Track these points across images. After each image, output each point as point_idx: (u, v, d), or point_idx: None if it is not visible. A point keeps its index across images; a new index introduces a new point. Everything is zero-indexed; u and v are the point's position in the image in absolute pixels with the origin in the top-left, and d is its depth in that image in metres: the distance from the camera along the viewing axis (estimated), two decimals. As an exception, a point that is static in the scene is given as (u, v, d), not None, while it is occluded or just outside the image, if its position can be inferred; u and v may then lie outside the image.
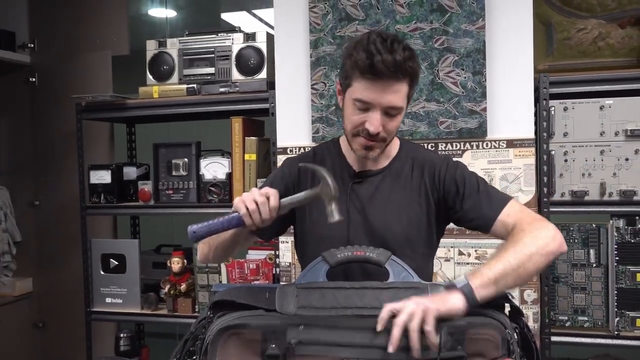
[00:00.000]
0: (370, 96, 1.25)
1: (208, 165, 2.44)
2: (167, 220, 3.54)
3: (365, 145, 1.31)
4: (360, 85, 1.26)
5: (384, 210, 1.35)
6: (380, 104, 1.26)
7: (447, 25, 2.06)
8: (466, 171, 1.38)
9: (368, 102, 1.26)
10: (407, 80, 1.26)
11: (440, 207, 1.37)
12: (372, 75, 1.23)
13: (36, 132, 3.06)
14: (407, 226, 1.35)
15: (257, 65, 2.39)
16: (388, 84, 1.24)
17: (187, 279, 2.48)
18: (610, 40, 2.06)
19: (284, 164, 1.49)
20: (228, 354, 1.08)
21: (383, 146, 1.33)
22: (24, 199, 3.08)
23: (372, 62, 1.22)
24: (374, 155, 1.33)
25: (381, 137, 1.30)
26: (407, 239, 1.35)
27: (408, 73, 1.25)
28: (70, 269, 2.89)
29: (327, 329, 1.08)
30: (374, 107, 1.26)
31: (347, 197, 1.37)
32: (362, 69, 1.24)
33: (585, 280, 2.05)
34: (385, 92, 1.25)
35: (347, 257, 1.23)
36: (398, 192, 1.37)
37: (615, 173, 1.99)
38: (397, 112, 1.29)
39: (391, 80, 1.24)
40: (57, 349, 3.03)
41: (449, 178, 1.36)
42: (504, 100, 2.05)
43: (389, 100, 1.26)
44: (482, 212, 1.31)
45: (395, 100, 1.26)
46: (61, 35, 2.99)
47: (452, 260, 2.09)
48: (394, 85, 1.25)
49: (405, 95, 1.28)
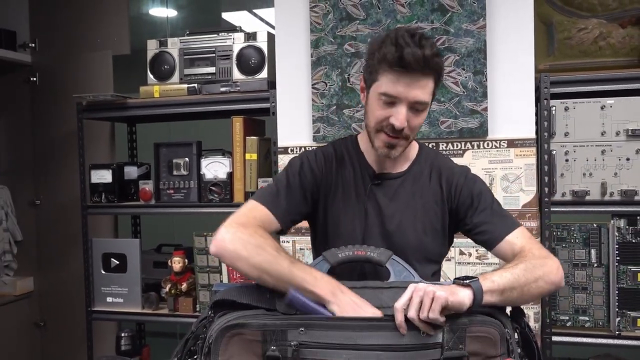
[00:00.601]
0: (398, 90, 1.24)
1: (209, 164, 2.44)
2: (168, 219, 3.54)
3: (388, 142, 1.29)
4: (387, 79, 1.25)
5: (400, 215, 1.35)
6: (407, 97, 1.24)
7: (448, 24, 2.06)
8: (484, 186, 1.39)
9: (395, 96, 1.25)
10: (433, 76, 1.26)
11: (453, 216, 1.38)
12: (400, 67, 1.22)
13: (37, 132, 3.06)
14: (421, 233, 1.35)
15: (258, 64, 2.39)
16: (416, 78, 1.23)
17: (188, 278, 2.48)
18: (611, 39, 2.06)
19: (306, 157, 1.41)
20: (229, 353, 1.08)
21: (405, 144, 1.32)
22: (25, 199, 3.09)
23: (402, 55, 1.21)
24: (395, 154, 1.32)
25: (405, 134, 1.29)
26: (422, 246, 1.35)
27: (435, 69, 1.25)
28: (71, 269, 2.90)
29: (327, 330, 1.07)
30: (400, 102, 1.25)
31: (366, 198, 1.37)
32: (390, 61, 1.22)
33: (586, 280, 2.05)
34: (412, 87, 1.24)
35: (348, 257, 1.23)
36: (415, 198, 1.37)
37: (616, 173, 1.99)
38: (422, 108, 1.28)
39: (419, 75, 1.23)
40: (58, 348, 3.04)
41: (466, 190, 1.36)
42: (504, 100, 2.05)
43: (415, 95, 1.24)
44: (493, 228, 1.31)
45: (422, 95, 1.25)
46: (62, 34, 2.99)
47: (453, 260, 2.08)
48: (421, 80, 1.24)
49: (431, 92, 1.28)
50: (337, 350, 1.06)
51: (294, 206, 1.35)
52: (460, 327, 1.07)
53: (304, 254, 2.25)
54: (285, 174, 1.39)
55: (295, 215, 1.37)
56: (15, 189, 3.08)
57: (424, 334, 1.05)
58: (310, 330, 1.07)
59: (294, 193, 1.35)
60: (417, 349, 1.05)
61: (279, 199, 1.34)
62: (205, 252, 2.44)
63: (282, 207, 1.33)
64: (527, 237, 1.30)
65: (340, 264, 1.23)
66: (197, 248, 2.46)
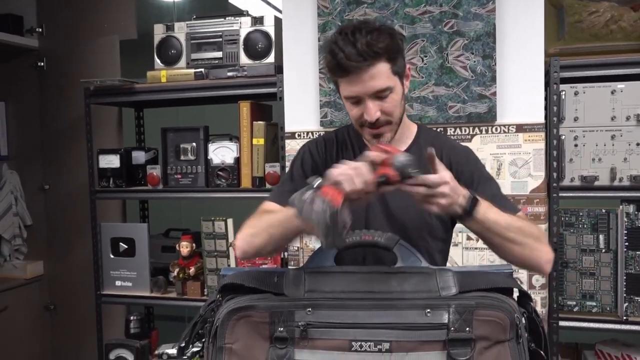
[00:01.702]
0: (354, 90, 1.28)
1: (216, 149, 2.44)
2: (175, 204, 3.56)
3: (373, 134, 1.33)
4: (342, 84, 1.30)
5: (402, 194, 1.35)
6: (365, 93, 1.27)
7: (456, 8, 2.04)
8: (484, 169, 1.42)
9: (355, 97, 1.29)
10: (382, 59, 1.25)
11: None
12: (342, 72, 1.26)
13: (45, 117, 3.07)
14: (424, 212, 1.35)
15: (265, 49, 2.38)
16: (362, 73, 1.24)
17: (196, 262, 2.50)
18: (622, 23, 2.03)
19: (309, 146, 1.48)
20: (237, 335, 1.09)
21: (393, 128, 1.34)
22: (34, 183, 3.10)
23: (337, 62, 1.24)
24: (387, 140, 1.33)
25: (383, 120, 1.31)
26: (426, 224, 1.37)
27: (379, 54, 1.24)
28: (80, 253, 2.92)
29: (335, 310, 1.08)
30: (362, 99, 1.29)
31: None
32: (332, 70, 1.29)
33: (594, 265, 2.04)
34: (364, 82, 1.25)
35: (356, 242, 1.23)
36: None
37: (626, 158, 1.97)
38: (387, 93, 1.28)
39: (363, 69, 1.24)
40: (68, 330, 3.07)
41: (468, 170, 1.37)
42: (513, 85, 2.03)
43: (372, 86, 1.26)
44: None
45: (377, 84, 1.26)
46: (69, 19, 2.99)
47: (460, 245, 2.08)
48: (369, 71, 1.25)
49: (388, 74, 1.27)
50: (344, 329, 1.07)
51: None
52: (468, 309, 1.07)
53: (311, 239, 2.25)
54: (290, 167, 1.48)
55: None
56: (24, 174, 3.10)
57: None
58: (317, 311, 1.08)
59: (298, 182, 1.39)
60: (422, 328, 1.06)
61: (284, 191, 1.39)
62: (212, 237, 2.46)
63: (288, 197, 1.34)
64: (526, 219, 1.36)
65: (347, 248, 1.23)
66: (205, 232, 2.47)
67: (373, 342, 1.05)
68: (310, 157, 1.45)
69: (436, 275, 1.14)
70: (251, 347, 1.08)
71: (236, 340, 1.09)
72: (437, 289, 1.12)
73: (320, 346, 1.06)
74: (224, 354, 1.08)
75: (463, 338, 1.06)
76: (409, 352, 1.05)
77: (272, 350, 1.07)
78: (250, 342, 1.09)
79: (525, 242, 1.21)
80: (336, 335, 1.07)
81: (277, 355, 1.06)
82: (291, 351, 1.06)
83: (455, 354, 1.05)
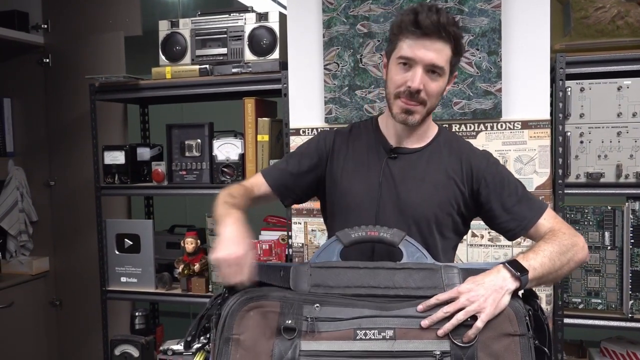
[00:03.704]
0: (414, 52, 1.29)
1: (221, 146, 2.44)
2: (180, 200, 3.57)
3: (406, 108, 1.33)
4: (404, 45, 1.30)
5: (416, 189, 1.37)
6: (422, 60, 1.29)
7: (462, 4, 2.03)
8: (506, 170, 1.43)
9: (411, 58, 1.29)
10: (450, 43, 1.30)
11: (473, 198, 1.39)
12: (416, 29, 1.28)
13: (50, 113, 3.08)
14: (437, 208, 1.36)
15: (270, 45, 2.38)
16: (431, 41, 1.28)
17: (201, 259, 2.50)
18: (629, 19, 2.02)
19: (320, 135, 1.51)
20: (243, 328, 1.09)
21: (423, 112, 1.34)
22: (40, 180, 3.12)
23: (417, 18, 1.27)
24: (413, 121, 1.34)
25: (421, 98, 1.32)
26: (437, 221, 1.37)
27: (451, 36, 1.29)
28: (86, 249, 2.93)
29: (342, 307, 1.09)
30: (416, 64, 1.29)
31: (382, 171, 1.39)
32: (407, 24, 1.29)
33: (599, 262, 2.04)
34: (427, 49, 1.28)
35: (361, 237, 1.23)
36: (432, 174, 1.38)
37: (632, 155, 1.96)
38: (439, 72, 1.31)
39: (434, 38, 1.28)
40: (73, 326, 3.09)
41: (490, 174, 1.38)
42: (519, 81, 2.02)
43: (431, 58, 1.29)
44: (523, 214, 1.35)
45: (437, 59, 1.29)
46: (74, 16, 2.99)
47: (465, 242, 2.08)
48: (436, 44, 1.28)
49: (448, 58, 1.31)
50: (350, 320, 1.08)
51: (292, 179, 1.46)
52: None
53: (316, 235, 2.26)
54: (299, 146, 1.52)
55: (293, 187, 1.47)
56: (30, 170, 3.11)
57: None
58: (325, 307, 1.09)
59: (296, 166, 1.46)
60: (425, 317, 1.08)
61: (277, 169, 1.49)
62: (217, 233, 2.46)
63: (279, 178, 1.46)
64: (553, 216, 1.36)
65: (353, 244, 1.24)
66: (210, 229, 2.47)
67: (377, 329, 1.06)
68: (316, 142, 1.48)
69: (442, 272, 1.14)
70: (258, 338, 1.09)
71: (244, 331, 1.09)
72: (443, 285, 1.12)
73: (326, 337, 1.07)
74: (230, 345, 1.09)
75: (466, 325, 1.07)
76: (413, 340, 1.06)
77: (279, 341, 1.07)
78: (258, 333, 1.09)
79: (570, 258, 1.24)
80: (341, 326, 1.08)
81: (284, 346, 1.07)
82: (298, 342, 1.07)
83: (458, 340, 1.06)
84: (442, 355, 1.05)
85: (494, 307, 1.08)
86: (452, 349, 1.05)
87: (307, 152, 1.48)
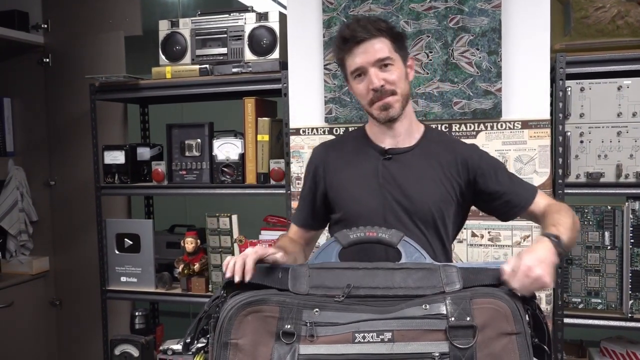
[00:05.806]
0: (358, 61, 1.38)
1: (221, 146, 2.44)
2: (180, 200, 3.57)
3: (382, 105, 1.39)
4: (348, 60, 1.41)
5: (419, 185, 1.42)
6: (368, 61, 1.37)
7: (462, 3, 2.03)
8: (495, 158, 1.51)
9: (359, 67, 1.39)
10: (384, 36, 1.38)
11: (470, 188, 1.45)
12: (348, 42, 1.38)
13: (50, 113, 3.08)
14: (439, 201, 1.42)
15: (270, 45, 2.38)
16: (365, 44, 1.37)
17: (201, 258, 2.50)
18: (629, 18, 2.01)
19: (310, 157, 1.59)
20: (243, 331, 1.09)
21: (399, 100, 1.40)
22: (40, 179, 3.12)
23: (344, 34, 1.39)
24: (394, 112, 1.40)
25: (389, 89, 1.38)
26: (441, 214, 1.42)
27: (382, 30, 1.38)
28: (86, 248, 2.93)
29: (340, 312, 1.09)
30: (366, 69, 1.38)
31: (379, 173, 1.42)
32: (341, 44, 1.41)
33: (599, 262, 2.04)
34: (367, 51, 1.37)
35: (360, 238, 1.24)
36: (430, 169, 1.43)
37: (632, 155, 1.96)
38: (389, 62, 1.38)
39: (366, 40, 1.36)
40: (73, 326, 3.09)
41: (483, 162, 1.45)
42: (519, 81, 2.02)
43: (373, 56, 1.37)
44: (519, 196, 1.44)
45: (379, 52, 1.37)
46: (74, 15, 2.99)
47: (465, 242, 2.08)
48: (371, 42, 1.37)
49: (390, 48, 1.39)
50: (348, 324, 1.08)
51: (310, 209, 1.55)
52: (464, 299, 1.09)
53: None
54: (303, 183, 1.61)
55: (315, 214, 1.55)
56: (30, 170, 3.11)
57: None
58: (324, 312, 1.09)
59: (306, 197, 1.56)
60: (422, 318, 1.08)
61: (298, 211, 1.59)
62: (217, 233, 2.46)
63: (301, 216, 1.58)
64: (546, 196, 1.47)
65: (352, 244, 1.24)
66: (210, 229, 2.47)
67: (375, 332, 1.06)
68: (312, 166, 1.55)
69: (440, 271, 1.14)
70: (257, 342, 1.08)
71: (242, 335, 1.09)
72: (442, 285, 1.12)
73: (324, 341, 1.07)
74: (228, 350, 1.09)
75: (464, 325, 1.07)
76: (411, 342, 1.06)
77: (277, 346, 1.07)
78: (257, 337, 1.09)
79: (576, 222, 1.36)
80: (340, 330, 1.07)
81: (282, 350, 1.07)
82: (296, 347, 1.07)
83: (457, 342, 1.05)
84: (441, 356, 1.05)
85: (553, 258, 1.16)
86: (451, 350, 1.05)
87: (308, 177, 1.56)
